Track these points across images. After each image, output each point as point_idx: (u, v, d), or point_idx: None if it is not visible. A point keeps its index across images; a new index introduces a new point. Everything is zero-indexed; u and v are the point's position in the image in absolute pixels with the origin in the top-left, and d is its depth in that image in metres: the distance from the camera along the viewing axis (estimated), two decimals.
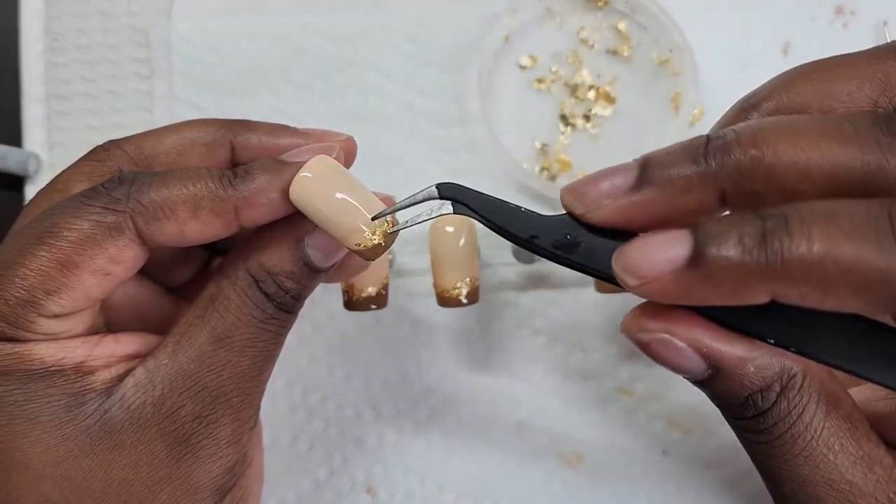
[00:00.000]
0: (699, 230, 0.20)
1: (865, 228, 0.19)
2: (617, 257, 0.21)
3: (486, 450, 0.40)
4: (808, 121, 0.21)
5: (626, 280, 0.21)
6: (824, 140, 0.20)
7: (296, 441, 0.40)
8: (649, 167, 0.22)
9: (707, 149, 0.21)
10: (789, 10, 0.44)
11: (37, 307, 0.24)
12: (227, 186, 0.25)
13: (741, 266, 0.19)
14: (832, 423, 0.23)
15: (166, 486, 0.25)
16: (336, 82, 0.43)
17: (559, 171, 0.42)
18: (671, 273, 0.20)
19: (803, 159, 0.20)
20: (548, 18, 0.44)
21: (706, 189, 0.21)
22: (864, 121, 0.20)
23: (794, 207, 0.19)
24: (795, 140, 0.20)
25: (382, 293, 0.34)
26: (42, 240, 0.24)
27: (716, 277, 0.20)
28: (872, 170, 0.20)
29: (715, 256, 0.19)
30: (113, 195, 0.25)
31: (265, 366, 0.27)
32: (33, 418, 0.24)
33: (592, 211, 0.22)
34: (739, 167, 0.20)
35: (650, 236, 0.21)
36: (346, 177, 0.26)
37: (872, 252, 0.18)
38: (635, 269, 0.21)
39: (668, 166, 0.21)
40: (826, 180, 0.20)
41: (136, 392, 0.25)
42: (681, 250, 0.20)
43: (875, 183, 0.20)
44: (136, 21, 0.44)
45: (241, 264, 0.26)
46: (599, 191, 0.22)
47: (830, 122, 0.20)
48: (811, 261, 0.19)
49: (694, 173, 0.21)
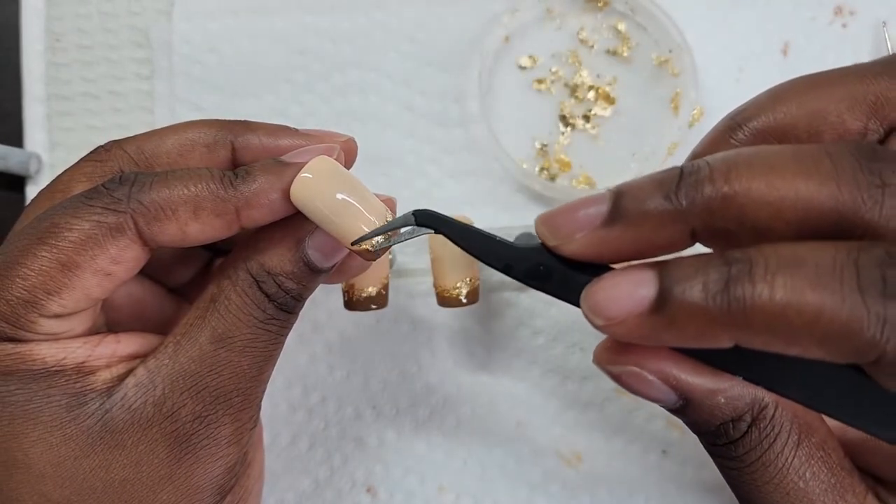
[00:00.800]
0: (665, 273, 0.20)
1: (830, 278, 0.18)
2: (584, 296, 0.21)
3: (486, 450, 0.40)
4: (785, 155, 0.20)
5: (593, 321, 0.21)
6: (800, 178, 0.19)
7: (296, 441, 0.40)
8: (621, 200, 0.21)
9: (679, 184, 0.20)
10: (789, 11, 0.44)
11: (38, 307, 0.24)
12: (227, 187, 0.25)
13: (704, 313, 0.19)
14: (804, 452, 0.24)
15: (167, 485, 0.25)
16: (336, 82, 0.43)
17: (559, 171, 0.42)
18: (636, 316, 0.20)
19: (777, 198, 0.19)
20: (548, 19, 0.44)
21: (677, 227, 0.21)
22: (846, 155, 0.20)
23: (760, 252, 0.19)
24: (770, 177, 0.20)
25: (382, 293, 0.34)
26: (43, 240, 0.24)
27: (679, 323, 0.20)
28: (847, 210, 0.19)
29: (679, 302, 0.19)
30: (114, 195, 0.25)
31: (265, 366, 0.27)
32: (34, 418, 0.24)
33: (564, 244, 0.22)
34: (710, 206, 0.20)
35: (617, 276, 0.21)
36: (346, 177, 0.26)
37: (835, 304, 0.18)
38: (601, 310, 0.21)
39: (640, 201, 0.21)
40: (799, 220, 0.19)
41: (137, 392, 0.25)
42: (646, 293, 0.20)
43: (849, 223, 0.19)
44: (137, 21, 0.44)
45: (241, 265, 0.26)
46: (571, 223, 0.22)
47: (809, 157, 0.20)
48: (773, 311, 0.18)
49: (665, 211, 0.20)
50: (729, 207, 0.20)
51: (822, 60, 0.43)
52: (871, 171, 0.19)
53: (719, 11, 0.44)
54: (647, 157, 0.42)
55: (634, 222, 0.21)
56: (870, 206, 0.19)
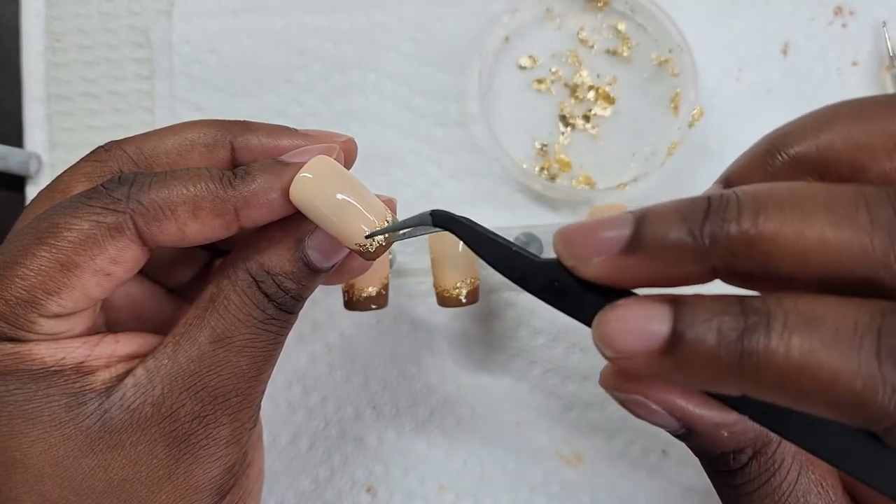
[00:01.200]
0: (680, 312, 0.19)
1: (849, 343, 0.17)
2: (596, 325, 0.21)
3: (486, 450, 0.40)
4: (818, 199, 0.19)
5: (604, 351, 0.21)
6: (832, 227, 0.18)
7: (296, 440, 0.40)
8: (643, 227, 0.20)
9: (705, 218, 0.19)
10: (788, 11, 0.44)
11: (37, 307, 0.24)
12: (227, 187, 0.25)
13: (715, 361, 0.19)
14: (803, 486, 0.24)
15: (166, 485, 0.25)
16: (336, 82, 0.43)
17: (559, 171, 0.42)
18: (646, 354, 0.20)
19: (804, 248, 0.18)
20: (548, 19, 0.44)
21: (697, 264, 0.20)
22: (884, 205, 0.18)
23: (780, 305, 0.18)
24: (800, 223, 0.18)
25: (382, 293, 0.34)
26: (42, 240, 0.24)
27: (689, 367, 0.19)
28: (878, 267, 0.18)
29: (690, 347, 0.19)
30: (113, 195, 0.25)
31: (265, 366, 0.27)
32: (33, 418, 0.24)
33: (581, 266, 0.21)
34: (734, 249, 0.19)
35: (631, 308, 0.20)
36: (346, 177, 0.26)
37: (851, 371, 0.17)
38: (612, 342, 0.20)
39: (662, 232, 0.20)
40: (826, 272, 0.19)
41: (135, 392, 0.25)
42: (659, 331, 0.19)
43: (879, 281, 0.18)
44: (137, 21, 0.44)
45: (241, 264, 0.26)
46: (590, 245, 0.21)
47: (844, 204, 0.19)
48: (786, 370, 0.18)
49: (686, 247, 0.20)
50: (753, 252, 0.19)
51: (822, 60, 0.43)
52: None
53: (719, 11, 0.44)
54: (647, 157, 0.42)
55: (654, 254, 0.20)
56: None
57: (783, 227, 0.19)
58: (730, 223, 0.19)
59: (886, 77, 0.42)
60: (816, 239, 0.18)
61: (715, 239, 0.19)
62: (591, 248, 0.21)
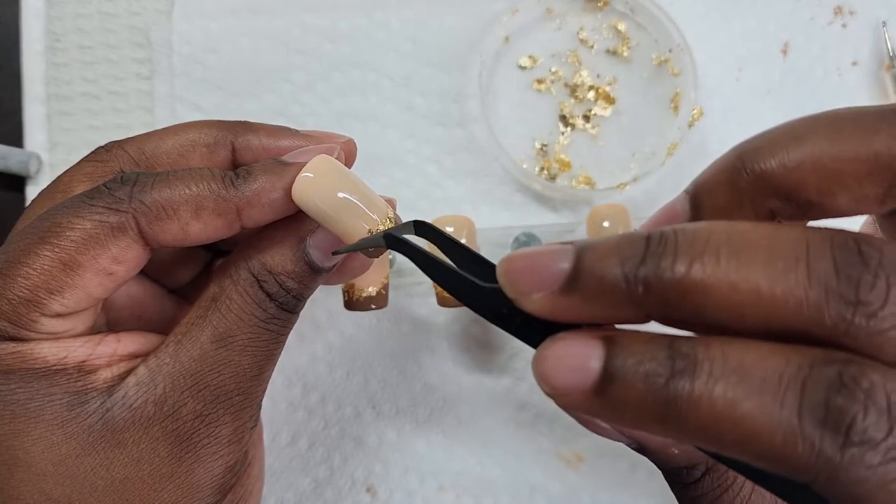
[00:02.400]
0: (612, 353, 0.19)
1: (773, 396, 0.17)
2: (534, 361, 0.21)
3: (486, 450, 0.40)
4: (759, 248, 0.18)
5: (542, 388, 0.20)
6: (768, 280, 0.18)
7: (296, 440, 0.40)
8: (581, 264, 0.20)
9: (640, 263, 0.19)
10: (788, 11, 0.44)
11: (39, 306, 0.24)
12: (229, 187, 0.25)
13: (642, 406, 0.19)
14: (756, 501, 0.25)
15: (167, 484, 0.25)
16: (336, 82, 0.43)
17: (559, 171, 0.42)
18: (579, 393, 0.20)
19: (737, 301, 0.18)
20: (548, 19, 0.44)
21: (632, 310, 0.19)
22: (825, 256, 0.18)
23: (707, 351, 0.18)
24: (735, 274, 0.18)
25: (382, 293, 0.34)
26: (45, 239, 0.24)
27: (618, 409, 0.19)
28: (811, 323, 0.18)
29: (618, 389, 0.19)
30: (116, 195, 0.25)
31: (266, 365, 0.27)
32: (36, 416, 0.24)
33: (522, 300, 0.21)
34: (666, 297, 0.19)
35: (566, 345, 0.20)
36: (347, 176, 0.26)
37: (771, 424, 0.17)
38: (548, 379, 0.20)
39: (599, 273, 0.19)
40: (760, 325, 0.18)
41: (137, 390, 0.25)
42: (591, 371, 0.19)
43: (812, 336, 0.18)
44: (137, 21, 0.44)
45: (243, 264, 0.26)
46: (530, 280, 0.21)
47: (785, 255, 0.18)
48: (708, 419, 0.18)
49: (620, 292, 0.19)
50: (685, 302, 0.18)
51: (822, 60, 0.43)
52: (848, 280, 0.17)
53: (719, 11, 0.44)
54: (647, 157, 0.42)
55: (591, 297, 0.20)
56: (835, 323, 0.17)
57: (717, 277, 0.18)
58: (664, 270, 0.19)
59: (886, 77, 0.42)
60: (751, 292, 0.18)
61: (648, 286, 0.19)
62: (531, 282, 0.21)
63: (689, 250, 0.18)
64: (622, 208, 0.37)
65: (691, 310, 0.18)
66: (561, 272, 0.20)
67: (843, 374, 0.17)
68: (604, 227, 0.36)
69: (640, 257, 0.19)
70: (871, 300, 0.17)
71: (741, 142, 0.23)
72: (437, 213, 0.37)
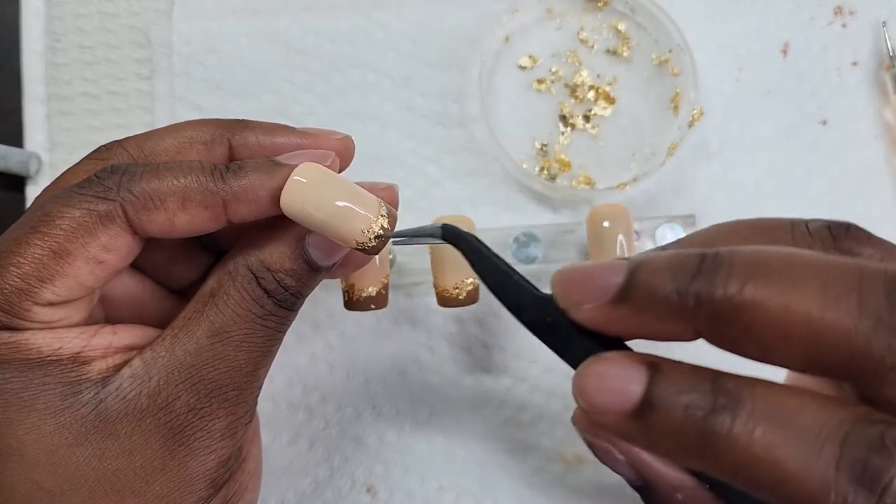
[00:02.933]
0: (655, 379, 0.19)
1: (811, 446, 0.17)
2: (576, 377, 0.21)
3: (486, 450, 0.40)
4: (812, 274, 0.18)
5: (579, 403, 0.21)
6: (819, 306, 0.18)
7: (296, 440, 0.40)
8: (635, 278, 0.20)
9: (695, 277, 0.19)
10: (788, 11, 0.44)
11: (31, 295, 0.24)
12: (217, 180, 0.25)
13: (679, 435, 0.19)
14: None
15: (160, 476, 0.25)
16: (336, 82, 0.43)
17: (559, 171, 0.42)
18: (617, 414, 0.20)
19: (787, 323, 0.18)
20: (548, 19, 0.44)
21: (681, 324, 0.20)
22: (877, 289, 0.18)
23: (751, 392, 0.18)
24: (788, 297, 0.18)
25: (382, 293, 0.34)
26: (36, 228, 0.24)
27: (654, 435, 0.19)
28: (859, 355, 0.18)
29: (657, 416, 0.19)
30: (105, 184, 0.25)
31: (262, 362, 0.27)
32: (29, 406, 0.24)
33: (573, 310, 0.22)
34: (717, 313, 0.19)
35: (610, 365, 0.20)
36: (336, 180, 0.26)
37: (806, 474, 0.17)
38: (588, 397, 0.20)
39: (651, 287, 0.20)
40: (807, 350, 0.18)
41: (132, 382, 0.25)
42: (632, 394, 0.20)
43: (858, 369, 0.18)
44: (137, 21, 0.44)
45: (241, 260, 0.26)
46: (583, 291, 0.21)
47: (837, 283, 0.18)
48: (744, 459, 0.18)
49: (672, 305, 0.20)
50: (736, 320, 0.19)
51: (822, 60, 0.43)
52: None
53: (719, 11, 0.44)
54: (647, 157, 0.42)
55: (641, 307, 0.20)
56: (883, 356, 0.17)
57: (769, 298, 0.18)
58: (717, 286, 0.19)
59: (886, 77, 0.42)
60: (801, 316, 0.18)
61: (700, 300, 0.19)
62: (584, 293, 0.21)
63: (743, 270, 0.19)
64: (622, 208, 0.36)
65: (740, 328, 0.19)
66: (614, 285, 0.21)
67: (885, 436, 0.17)
68: (604, 227, 0.36)
69: (694, 272, 0.19)
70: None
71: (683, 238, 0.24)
72: (437, 213, 0.37)
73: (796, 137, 0.42)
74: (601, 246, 0.36)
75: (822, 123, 0.43)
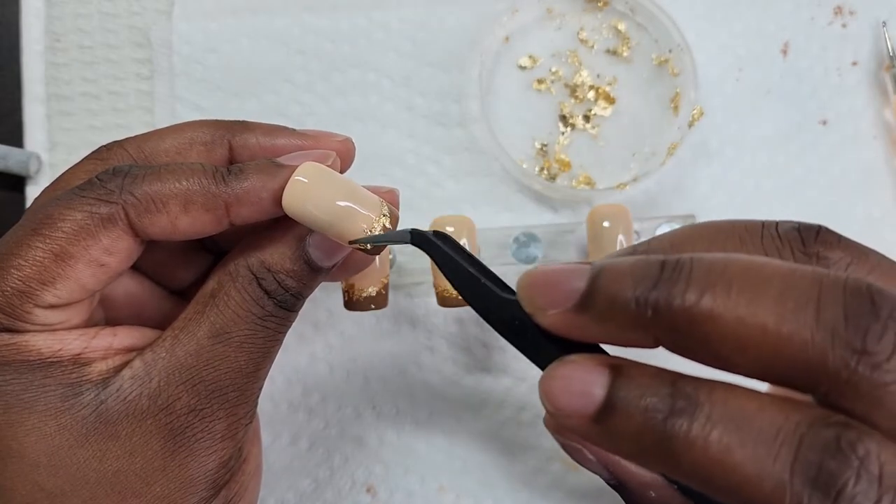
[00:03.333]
0: (616, 383, 0.20)
1: (767, 449, 0.17)
2: (542, 380, 0.21)
3: (487, 450, 0.40)
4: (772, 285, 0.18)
5: (545, 406, 0.21)
6: (776, 319, 0.18)
7: (296, 440, 0.40)
8: (597, 284, 0.20)
9: (653, 287, 0.19)
10: (788, 11, 0.44)
11: (33, 297, 0.24)
12: (219, 183, 0.25)
13: (639, 438, 0.19)
14: None
15: (160, 477, 0.25)
16: (336, 82, 0.43)
17: (559, 171, 0.42)
18: (579, 417, 0.20)
19: (743, 335, 0.18)
20: (548, 19, 0.44)
21: (642, 333, 0.20)
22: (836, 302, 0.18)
23: (709, 396, 0.18)
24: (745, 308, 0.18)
25: (382, 293, 0.34)
26: (37, 231, 0.24)
27: (615, 438, 0.20)
28: (815, 367, 0.18)
29: (618, 419, 0.19)
30: (107, 187, 0.25)
31: (263, 362, 0.27)
32: (29, 407, 0.24)
33: (538, 315, 0.22)
34: (675, 324, 0.19)
35: (574, 368, 0.20)
36: (337, 179, 0.26)
37: (761, 476, 0.17)
38: (553, 399, 0.20)
39: (612, 294, 0.20)
40: (764, 362, 0.18)
41: (132, 384, 0.25)
42: (594, 397, 0.20)
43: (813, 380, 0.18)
44: (137, 21, 0.44)
45: (242, 261, 0.26)
46: (547, 296, 0.21)
47: (796, 296, 0.18)
48: (701, 462, 0.18)
49: (631, 315, 0.19)
50: (692, 331, 0.19)
51: (822, 60, 0.43)
52: (856, 328, 0.17)
53: (719, 11, 0.44)
54: (647, 157, 0.42)
55: (603, 317, 0.20)
56: (838, 370, 0.17)
57: (725, 310, 0.18)
58: (674, 297, 0.19)
59: (886, 77, 0.42)
60: (756, 328, 0.18)
61: (657, 311, 0.19)
62: (547, 299, 0.21)
63: (702, 279, 0.19)
64: (622, 208, 0.36)
65: (697, 339, 0.19)
66: (576, 291, 0.21)
67: (840, 438, 0.17)
68: (604, 227, 0.36)
69: (654, 281, 0.19)
70: (878, 351, 0.17)
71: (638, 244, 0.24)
72: (437, 213, 0.37)
73: (796, 137, 0.42)
74: (601, 246, 0.36)
75: (822, 123, 0.43)
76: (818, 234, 0.21)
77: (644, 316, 0.19)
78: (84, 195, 0.25)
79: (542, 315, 0.21)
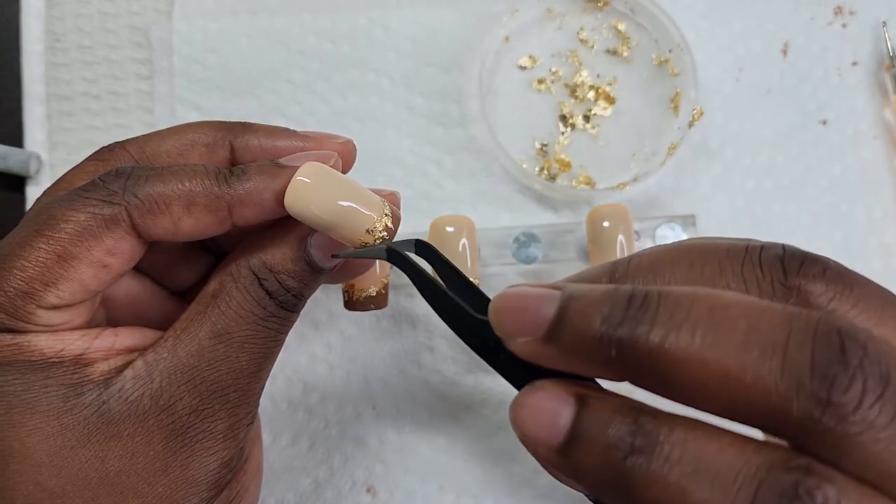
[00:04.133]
0: (580, 415, 0.19)
1: (724, 492, 0.17)
2: (512, 407, 0.21)
3: (487, 450, 0.40)
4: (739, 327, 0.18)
5: (515, 431, 0.21)
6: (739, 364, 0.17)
7: (296, 440, 0.40)
8: (565, 315, 0.20)
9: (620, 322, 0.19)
10: (788, 11, 0.44)
11: (35, 298, 0.24)
12: (222, 184, 0.25)
13: (600, 473, 0.19)
14: None
15: (162, 477, 0.25)
16: (336, 82, 0.43)
17: (559, 171, 0.42)
18: (546, 447, 0.20)
19: (704, 377, 0.18)
20: (548, 19, 0.44)
21: (605, 370, 0.19)
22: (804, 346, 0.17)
23: (669, 434, 0.18)
24: (708, 351, 0.18)
25: (382, 293, 0.34)
26: (41, 232, 0.24)
27: (578, 471, 0.19)
28: (776, 414, 0.17)
29: (580, 453, 0.19)
30: (110, 188, 0.25)
31: (264, 363, 0.27)
32: (31, 408, 0.24)
33: (508, 342, 0.21)
34: (638, 362, 0.18)
35: (542, 397, 0.20)
36: (340, 179, 0.26)
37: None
38: (521, 427, 0.20)
39: (578, 329, 0.19)
40: (727, 405, 0.18)
41: (134, 384, 0.25)
42: (560, 427, 0.20)
43: (774, 426, 0.18)
44: (137, 21, 0.44)
45: (243, 261, 0.26)
46: (516, 324, 0.21)
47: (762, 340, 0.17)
48: (658, 500, 0.18)
49: (595, 351, 0.19)
50: (655, 372, 0.18)
51: (822, 60, 0.43)
52: (823, 378, 0.17)
53: (719, 11, 0.44)
54: (647, 157, 0.42)
55: (569, 350, 0.20)
56: (803, 420, 0.17)
57: (688, 353, 0.18)
58: (638, 336, 0.18)
59: (886, 77, 0.42)
60: (720, 373, 0.17)
61: (621, 349, 0.19)
62: (517, 326, 0.21)
63: (667, 320, 0.18)
64: (622, 208, 0.37)
65: (659, 379, 0.18)
66: (545, 319, 0.20)
67: (798, 485, 0.17)
68: (604, 227, 0.36)
69: (620, 317, 0.19)
70: (844, 402, 0.17)
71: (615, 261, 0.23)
72: (437, 213, 0.37)
73: (796, 137, 0.42)
74: (601, 246, 0.36)
75: (822, 123, 0.43)
76: (802, 265, 0.21)
77: (608, 354, 0.19)
78: (87, 196, 0.25)
79: (513, 342, 0.21)
